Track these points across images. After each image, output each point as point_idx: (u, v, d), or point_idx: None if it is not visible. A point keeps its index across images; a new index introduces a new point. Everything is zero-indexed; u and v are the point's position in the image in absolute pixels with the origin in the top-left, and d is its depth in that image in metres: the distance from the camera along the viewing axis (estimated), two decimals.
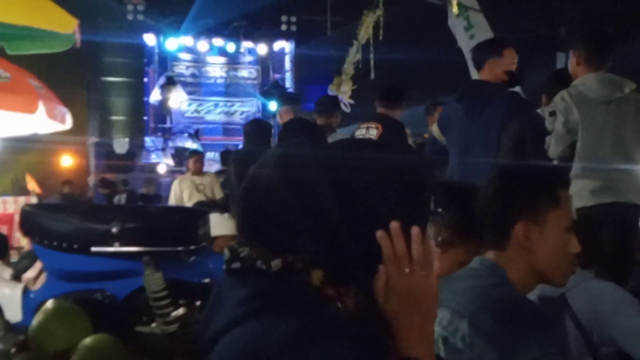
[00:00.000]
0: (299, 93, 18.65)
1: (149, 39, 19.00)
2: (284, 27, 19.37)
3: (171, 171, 17.45)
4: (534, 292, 2.33)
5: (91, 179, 18.09)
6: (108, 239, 4.81)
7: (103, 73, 19.01)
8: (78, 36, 5.64)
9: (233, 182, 6.10)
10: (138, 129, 19.28)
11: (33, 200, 11.03)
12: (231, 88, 20.58)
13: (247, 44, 19.87)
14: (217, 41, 19.36)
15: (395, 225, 1.29)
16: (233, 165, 6.24)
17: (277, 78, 20.38)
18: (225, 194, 8.65)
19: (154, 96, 18.95)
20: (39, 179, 14.16)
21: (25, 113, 5.58)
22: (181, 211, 6.89)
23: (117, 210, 7.28)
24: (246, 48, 20.06)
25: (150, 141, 19.21)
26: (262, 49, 19.92)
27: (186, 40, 19.11)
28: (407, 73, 11.50)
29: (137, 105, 19.33)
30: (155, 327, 4.58)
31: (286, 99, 7.05)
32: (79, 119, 8.79)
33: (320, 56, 15.76)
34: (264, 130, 6.60)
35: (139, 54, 19.25)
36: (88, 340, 4.00)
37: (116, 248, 4.81)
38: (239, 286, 1.32)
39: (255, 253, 1.32)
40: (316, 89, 12.92)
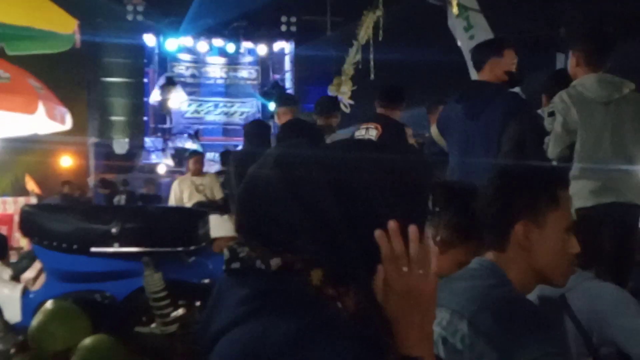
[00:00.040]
0: (299, 93, 18.67)
1: (149, 40, 19.00)
2: (284, 28, 19.38)
3: (171, 171, 17.44)
4: (534, 293, 2.33)
5: (91, 180, 18.09)
6: (108, 240, 4.81)
7: (103, 73, 19.01)
8: (78, 37, 5.64)
9: (233, 183, 6.09)
10: (138, 130, 19.27)
11: (33, 200, 11.05)
12: (231, 88, 20.58)
13: (247, 45, 19.88)
14: (217, 42, 19.36)
15: (392, 224, 1.29)
16: (233, 165, 6.23)
17: (277, 78, 20.38)
18: (225, 195, 8.64)
19: (154, 97, 18.95)
20: (39, 180, 14.18)
21: (25, 113, 5.58)
22: (181, 212, 6.90)
23: (117, 210, 7.28)
24: (246, 48, 20.07)
25: (150, 142, 19.21)
26: (262, 50, 19.93)
27: (186, 40, 19.12)
28: (407, 73, 11.49)
29: (137, 105, 19.33)
30: (154, 328, 4.58)
31: (283, 100, 7.04)
32: (79, 120, 8.79)
33: (320, 57, 15.76)
34: (264, 130, 6.60)
35: (139, 55, 19.26)
36: (88, 340, 4.00)
37: (116, 248, 4.81)
38: (239, 286, 1.32)
39: (254, 253, 1.33)
40: (316, 90, 12.92)
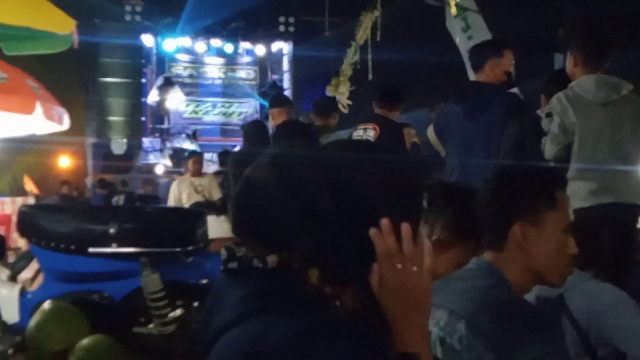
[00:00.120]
0: (297, 94, 18.68)
1: (147, 40, 19.00)
2: (282, 28, 19.38)
3: (169, 172, 17.44)
4: (532, 293, 2.33)
5: (89, 180, 18.08)
6: (105, 240, 4.81)
7: (101, 74, 18.99)
8: (76, 37, 5.63)
9: (231, 183, 6.09)
10: (136, 130, 19.25)
11: (31, 201, 11.04)
12: (229, 89, 20.59)
13: (245, 45, 19.88)
14: (215, 42, 19.36)
15: (385, 222, 1.30)
16: (231, 166, 6.23)
17: (275, 79, 20.38)
18: (223, 195, 8.64)
19: (152, 97, 18.94)
20: (37, 180, 14.17)
21: (22, 114, 5.58)
22: (179, 212, 6.90)
23: (115, 211, 7.27)
24: (244, 49, 20.07)
25: (148, 142, 19.20)
26: (260, 50, 19.92)
27: (184, 41, 19.12)
28: (405, 74, 11.49)
29: (135, 106, 19.31)
30: (152, 328, 4.58)
31: (277, 101, 7.03)
32: (77, 120, 8.80)
33: (318, 57, 15.75)
34: (263, 131, 6.59)
35: (137, 55, 19.24)
36: (85, 341, 4.01)
37: (114, 249, 4.81)
38: (237, 286, 1.33)
39: (251, 252, 1.33)
40: (314, 90, 12.91)
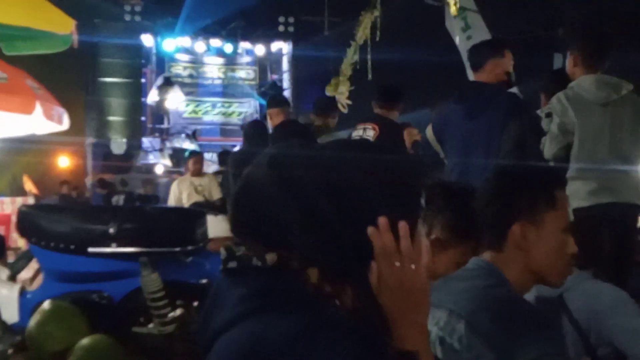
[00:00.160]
0: (297, 94, 18.68)
1: (147, 40, 18.99)
2: (282, 28, 19.37)
3: (168, 172, 17.44)
4: (531, 293, 2.33)
5: (89, 180, 18.08)
6: (105, 240, 4.81)
7: (101, 74, 18.98)
8: (75, 37, 5.63)
9: (231, 183, 6.09)
10: (135, 130, 19.24)
11: (30, 200, 11.04)
12: (229, 89, 20.59)
13: (245, 45, 19.87)
14: (215, 42, 19.35)
15: (382, 220, 1.30)
16: (231, 166, 6.23)
17: (275, 79, 20.38)
18: (223, 195, 8.64)
19: (152, 97, 18.94)
20: (37, 180, 14.17)
21: (22, 114, 5.58)
22: (178, 212, 6.90)
23: (115, 211, 7.27)
24: (244, 49, 20.06)
25: (147, 142, 19.19)
26: (260, 50, 19.92)
27: (184, 41, 19.11)
28: (405, 74, 11.48)
29: (135, 105, 19.30)
30: (152, 328, 4.58)
31: (274, 101, 7.03)
32: (77, 120, 8.80)
33: (317, 57, 15.74)
34: (263, 131, 6.59)
35: (137, 55, 19.23)
36: (85, 340, 4.01)
37: (113, 249, 4.80)
38: (237, 286, 1.33)
39: (250, 252, 1.33)
40: (314, 90, 12.89)
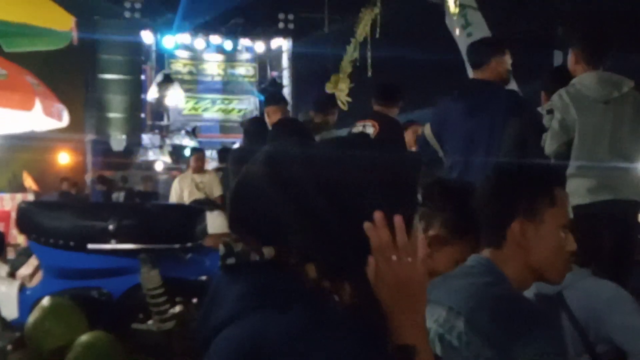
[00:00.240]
0: (297, 91, 18.66)
1: (146, 37, 18.96)
2: (282, 25, 19.36)
3: (168, 169, 17.42)
4: (531, 290, 2.33)
5: (88, 176, 18.07)
6: (105, 236, 4.81)
7: (100, 70, 18.95)
8: (75, 34, 5.63)
9: (231, 180, 6.08)
10: (135, 127, 19.21)
11: (30, 197, 11.04)
12: (229, 85, 20.56)
13: (245, 42, 19.85)
14: (215, 39, 19.32)
15: (378, 215, 1.31)
16: (231, 163, 6.23)
17: (275, 76, 20.36)
18: (224, 192, 8.64)
19: (152, 94, 18.91)
20: (36, 176, 14.18)
21: (22, 110, 5.59)
22: (178, 209, 6.89)
23: (114, 207, 7.27)
24: (243, 46, 20.04)
25: (147, 139, 19.17)
26: (260, 47, 19.90)
27: (183, 38, 19.08)
28: (405, 71, 11.48)
29: (135, 102, 19.27)
30: (151, 325, 4.58)
31: (272, 99, 7.02)
32: (76, 116, 8.80)
33: (317, 54, 15.73)
34: (263, 128, 6.58)
35: (136, 52, 19.20)
36: (84, 337, 4.00)
37: (113, 245, 4.81)
38: (236, 283, 1.33)
39: (248, 247, 1.33)
40: (314, 87, 12.88)
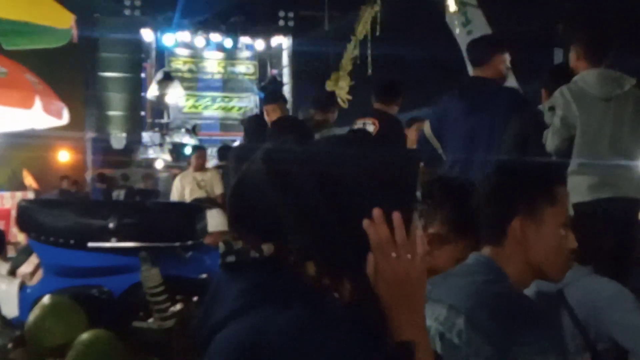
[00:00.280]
0: (297, 88, 18.65)
1: (146, 35, 18.96)
2: (282, 23, 19.35)
3: (168, 166, 17.43)
4: (531, 288, 2.33)
5: (88, 174, 18.08)
6: (105, 235, 4.80)
7: (100, 68, 18.97)
8: (75, 32, 5.63)
9: (231, 178, 6.07)
10: (135, 125, 19.23)
11: (30, 195, 11.03)
12: (229, 83, 20.56)
13: (245, 40, 19.84)
14: (215, 36, 19.32)
15: (377, 212, 1.31)
16: (232, 161, 6.23)
17: (275, 73, 20.35)
18: (225, 190, 8.64)
19: (152, 91, 18.91)
20: (36, 174, 14.18)
21: (22, 108, 5.59)
22: (178, 207, 6.89)
23: (114, 205, 7.27)
24: (244, 43, 20.03)
25: (147, 136, 19.16)
26: (260, 45, 19.89)
27: (183, 35, 19.08)
28: (405, 69, 11.48)
29: (135, 100, 19.29)
30: (152, 323, 4.57)
31: (271, 97, 7.02)
32: (76, 114, 8.80)
33: (318, 52, 15.73)
34: (264, 125, 6.58)
35: (136, 50, 19.21)
36: (85, 335, 4.00)
37: (113, 243, 4.80)
38: (236, 280, 1.33)
39: (248, 245, 1.34)
40: (314, 85, 12.88)
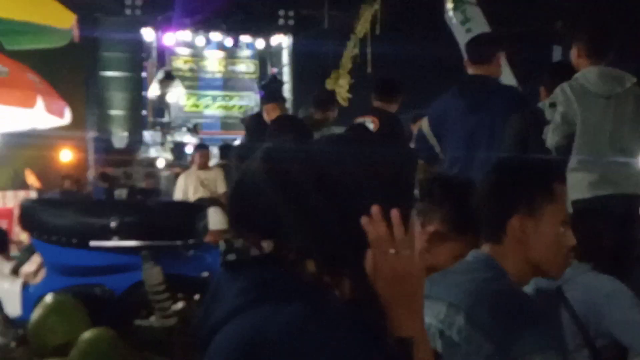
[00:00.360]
0: (297, 87, 18.63)
1: (147, 34, 18.95)
2: (282, 22, 19.34)
3: (169, 165, 17.42)
4: (530, 285, 2.34)
5: (90, 173, 18.07)
6: (107, 234, 4.82)
7: (101, 68, 18.94)
8: (76, 31, 5.64)
9: (233, 177, 6.09)
10: (137, 124, 19.21)
11: (32, 194, 11.04)
12: (229, 82, 20.55)
13: (245, 38, 19.83)
14: (215, 36, 19.31)
15: (375, 209, 1.32)
16: (234, 160, 6.25)
17: (275, 72, 20.34)
18: (228, 189, 8.64)
19: (153, 91, 18.90)
20: (39, 174, 14.16)
21: (23, 108, 5.59)
22: (179, 205, 6.91)
23: (116, 204, 7.29)
24: (244, 42, 20.02)
25: (149, 135, 19.16)
26: (260, 43, 19.88)
27: (184, 35, 19.08)
28: (405, 67, 11.47)
29: (136, 99, 19.26)
30: (154, 321, 4.60)
31: (270, 96, 7.03)
32: (78, 114, 8.80)
33: (318, 50, 15.71)
34: (263, 124, 6.59)
35: (137, 49, 19.19)
36: (87, 334, 4.02)
37: (115, 242, 4.82)
38: (237, 279, 1.34)
39: (248, 243, 1.35)
40: (314, 83, 12.87)
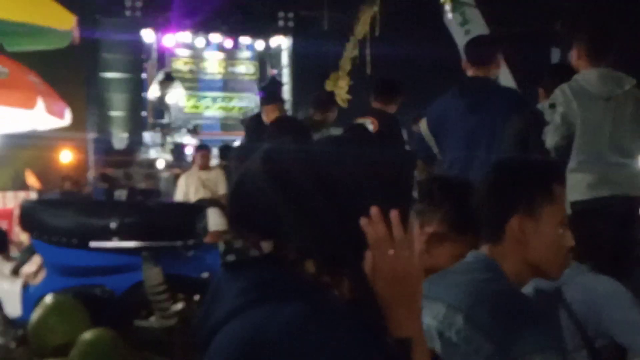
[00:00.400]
0: (296, 88, 18.65)
1: (147, 35, 18.96)
2: (281, 23, 19.35)
3: (169, 166, 17.43)
4: (529, 286, 2.35)
5: (91, 174, 18.06)
6: (107, 234, 4.82)
7: (101, 69, 18.94)
8: (76, 33, 5.65)
9: (233, 178, 6.09)
10: (137, 125, 19.21)
11: (32, 195, 11.05)
12: (229, 83, 20.56)
13: (245, 40, 19.83)
14: (215, 37, 19.32)
15: (375, 210, 1.33)
16: (234, 161, 6.25)
17: (275, 74, 20.34)
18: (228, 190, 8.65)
19: (153, 92, 18.90)
20: (39, 174, 14.17)
21: (24, 109, 5.60)
22: (179, 206, 6.92)
23: (116, 205, 7.29)
24: (244, 44, 20.02)
25: (148, 136, 19.16)
26: (260, 45, 19.89)
27: (184, 36, 19.09)
28: (404, 69, 11.47)
29: (136, 100, 19.26)
30: (154, 322, 4.60)
31: (269, 98, 7.03)
32: (78, 115, 8.80)
33: (317, 51, 15.72)
34: (263, 125, 6.59)
35: (138, 50, 19.19)
36: (87, 334, 4.02)
37: (115, 243, 4.82)
38: (236, 279, 1.35)
39: (248, 243, 1.35)
40: (313, 84, 12.87)
